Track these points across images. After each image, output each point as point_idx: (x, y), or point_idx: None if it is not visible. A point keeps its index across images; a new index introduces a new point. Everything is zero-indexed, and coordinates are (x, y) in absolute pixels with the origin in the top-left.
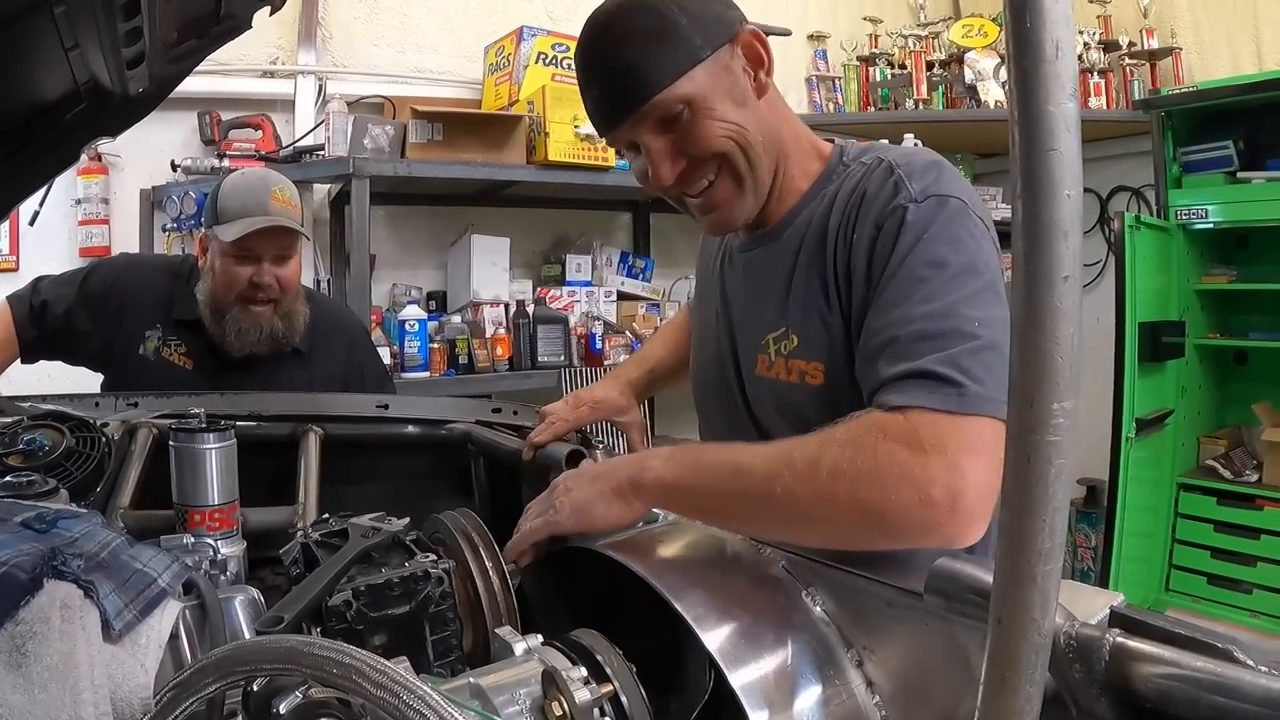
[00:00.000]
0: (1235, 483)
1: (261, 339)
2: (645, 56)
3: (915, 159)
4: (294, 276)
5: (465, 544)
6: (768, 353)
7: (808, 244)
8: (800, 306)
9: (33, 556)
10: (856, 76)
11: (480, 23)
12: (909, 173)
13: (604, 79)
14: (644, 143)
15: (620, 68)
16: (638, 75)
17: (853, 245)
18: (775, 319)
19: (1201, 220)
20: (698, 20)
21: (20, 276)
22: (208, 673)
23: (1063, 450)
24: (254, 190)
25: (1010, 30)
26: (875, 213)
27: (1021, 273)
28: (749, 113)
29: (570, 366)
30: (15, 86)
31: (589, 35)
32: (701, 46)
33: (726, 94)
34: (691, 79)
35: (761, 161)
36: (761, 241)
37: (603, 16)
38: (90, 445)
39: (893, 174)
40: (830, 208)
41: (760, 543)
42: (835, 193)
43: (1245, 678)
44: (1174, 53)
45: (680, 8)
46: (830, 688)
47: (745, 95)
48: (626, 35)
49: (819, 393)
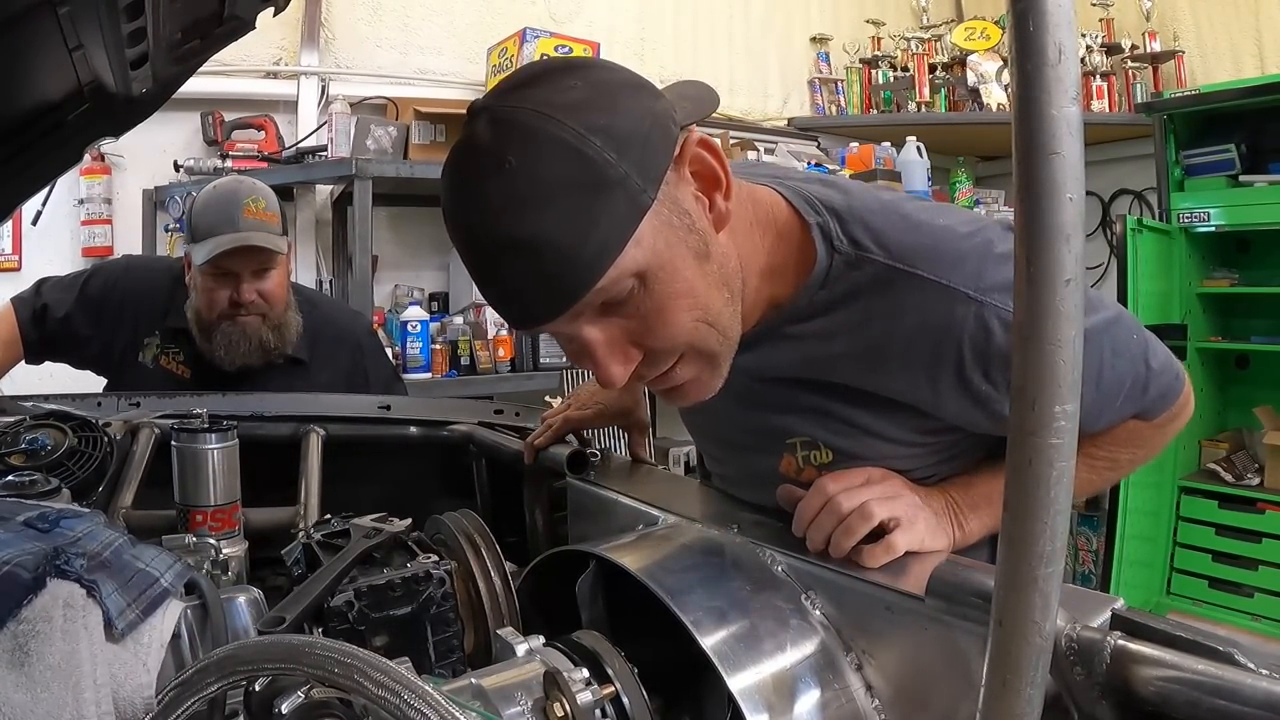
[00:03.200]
0: (1237, 486)
1: (251, 350)
2: (573, 224)
3: (931, 239)
4: (278, 288)
5: (467, 545)
6: (794, 457)
7: (834, 371)
8: (834, 424)
9: (36, 556)
10: (859, 79)
11: (483, 24)
12: (959, 275)
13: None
14: (582, 338)
15: (536, 246)
16: (565, 255)
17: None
18: (797, 430)
19: (1203, 223)
20: (628, 145)
21: (23, 276)
22: (209, 672)
23: (1064, 453)
24: (224, 205)
25: (1013, 34)
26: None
27: (1024, 276)
28: (712, 268)
29: (572, 367)
30: (19, 87)
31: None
32: (643, 188)
33: (685, 247)
34: (639, 242)
35: (735, 324)
36: (749, 346)
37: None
38: (92, 445)
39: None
40: (869, 348)
41: (760, 545)
42: (856, 323)
43: (1246, 680)
44: (1176, 56)
45: (600, 133)
46: (829, 691)
47: (706, 239)
48: (538, 198)
49: None
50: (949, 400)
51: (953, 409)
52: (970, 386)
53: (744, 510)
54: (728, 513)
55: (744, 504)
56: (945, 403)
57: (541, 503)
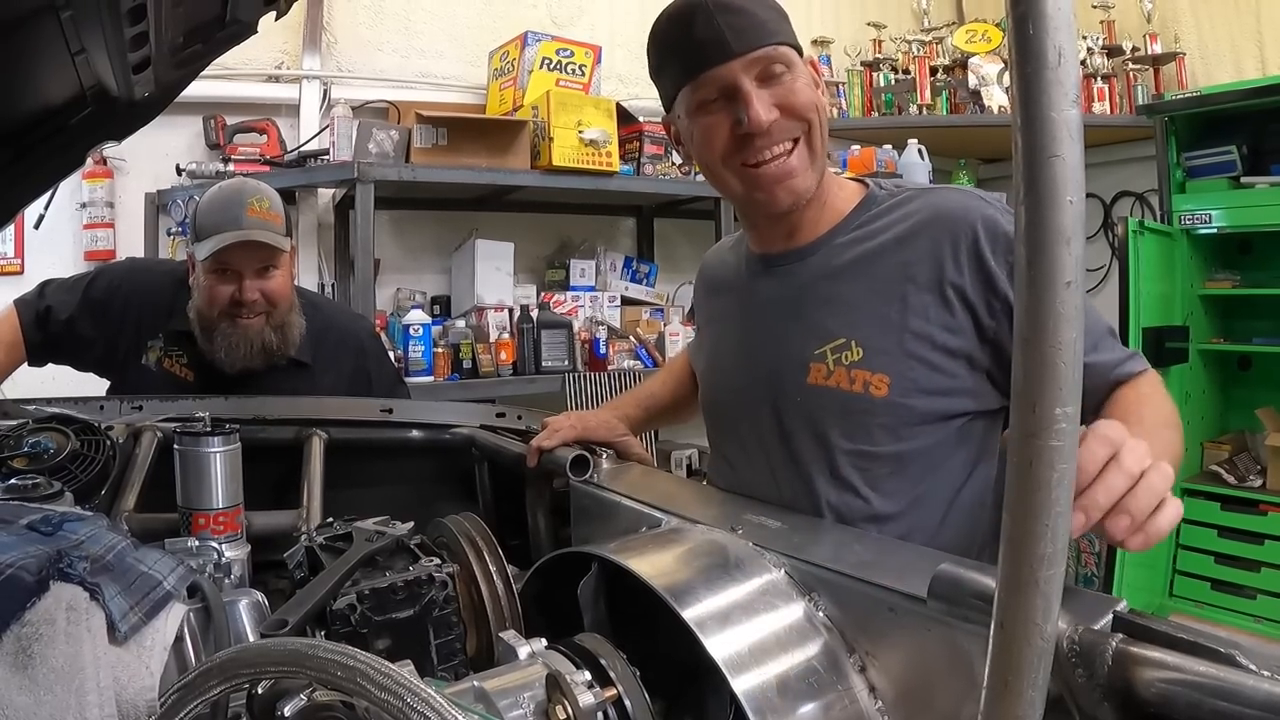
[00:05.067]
0: (1239, 488)
1: (254, 352)
2: (767, 14)
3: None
4: (281, 288)
5: (469, 548)
6: (825, 362)
7: (874, 266)
8: (870, 322)
9: (39, 559)
10: (860, 82)
11: (484, 28)
12: (988, 197)
13: (724, 17)
14: (746, 86)
15: (745, 10)
16: (762, 21)
17: (989, 271)
18: (833, 330)
19: (1205, 225)
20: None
21: (25, 280)
22: (212, 675)
23: (1065, 455)
24: (228, 204)
25: (1013, 37)
26: (1004, 241)
27: (1024, 278)
28: (823, 113)
29: (574, 371)
30: (21, 91)
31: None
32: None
33: (813, 81)
34: (794, 59)
35: (823, 154)
36: (802, 256)
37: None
38: (95, 448)
39: (988, 205)
40: (903, 235)
41: (763, 547)
42: (895, 222)
43: (1248, 682)
44: (1177, 58)
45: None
46: (833, 693)
47: (820, 97)
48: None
49: (882, 405)
50: (967, 274)
51: (968, 284)
52: (983, 261)
53: (747, 512)
54: (731, 515)
55: (748, 506)
56: (964, 278)
57: (544, 506)
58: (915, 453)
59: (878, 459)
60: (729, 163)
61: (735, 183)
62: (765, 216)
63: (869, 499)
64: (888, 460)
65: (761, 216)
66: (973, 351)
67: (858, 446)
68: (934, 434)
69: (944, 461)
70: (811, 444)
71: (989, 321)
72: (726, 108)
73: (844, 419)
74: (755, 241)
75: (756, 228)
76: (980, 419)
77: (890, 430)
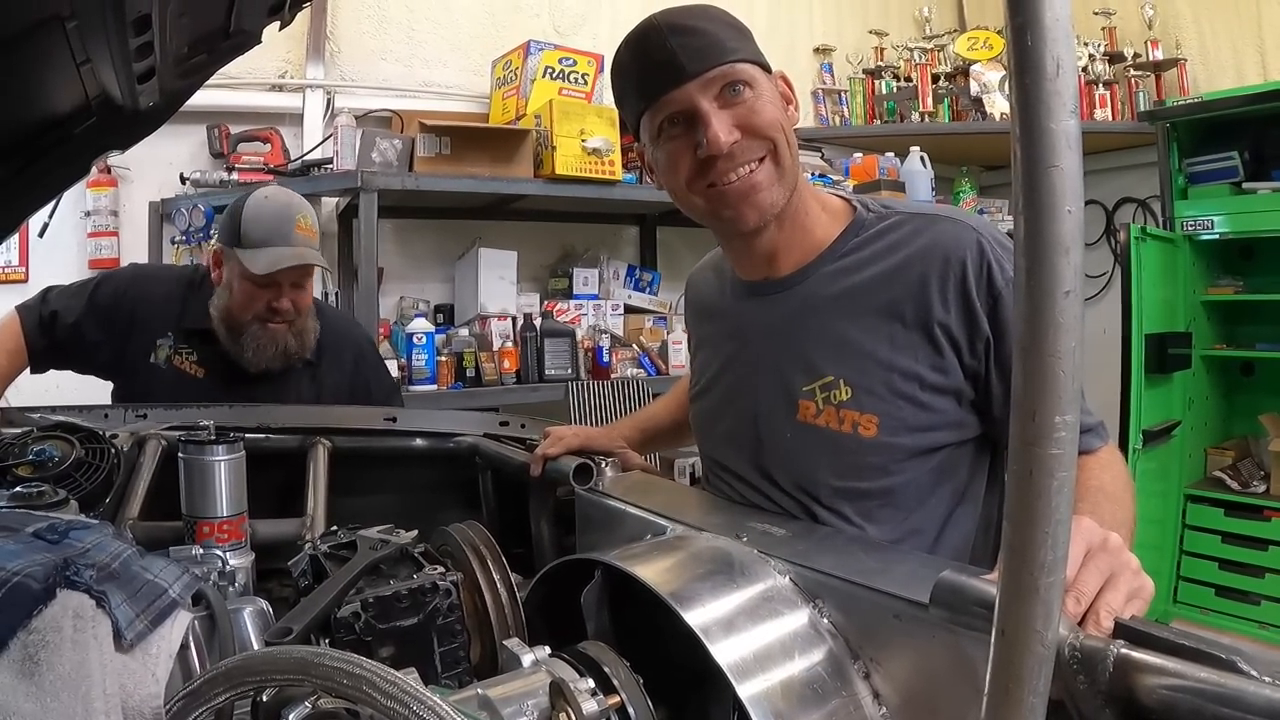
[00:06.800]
0: (1243, 494)
1: (276, 355)
2: (724, 33)
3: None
4: (309, 298)
5: (473, 556)
6: (814, 400)
7: (862, 301)
8: (858, 360)
9: (45, 566)
10: (862, 89)
11: (487, 37)
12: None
13: (677, 39)
14: (704, 108)
15: (699, 30)
16: (717, 40)
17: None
18: (821, 368)
19: (1207, 231)
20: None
21: (29, 288)
22: (217, 683)
23: (1065, 463)
24: (280, 218)
25: (1011, 48)
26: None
27: (1023, 288)
28: (790, 134)
29: (577, 380)
30: (26, 100)
31: (661, 13)
32: (761, 59)
33: (777, 101)
34: (755, 76)
35: (792, 170)
36: (787, 285)
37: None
38: (99, 456)
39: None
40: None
41: (767, 554)
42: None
43: (1249, 688)
44: (1179, 64)
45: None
46: (837, 699)
47: (787, 118)
48: (706, 14)
49: (870, 445)
50: (953, 313)
51: (954, 323)
52: (969, 300)
53: (752, 520)
54: (735, 522)
55: (752, 513)
56: (951, 317)
57: (547, 514)
58: (904, 485)
59: (868, 494)
60: (694, 187)
61: (701, 203)
62: (736, 236)
63: (863, 528)
64: (877, 494)
65: (734, 237)
66: (960, 387)
67: (847, 484)
68: (922, 465)
69: (933, 490)
70: (801, 481)
71: (970, 361)
72: (687, 132)
73: (834, 458)
74: (738, 269)
75: (735, 252)
76: (964, 446)
77: (879, 468)
